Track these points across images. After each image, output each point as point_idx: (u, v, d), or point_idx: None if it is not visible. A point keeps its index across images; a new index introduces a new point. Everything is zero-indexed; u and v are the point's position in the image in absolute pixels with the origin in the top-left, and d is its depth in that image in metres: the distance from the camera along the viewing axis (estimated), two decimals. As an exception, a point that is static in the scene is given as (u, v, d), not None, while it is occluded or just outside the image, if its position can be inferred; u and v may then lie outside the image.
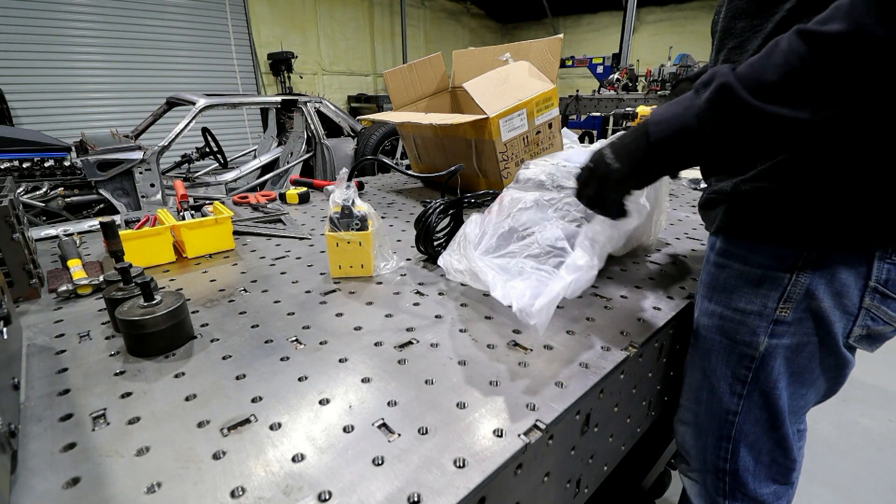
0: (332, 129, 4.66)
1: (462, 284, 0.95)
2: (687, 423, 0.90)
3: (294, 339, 0.77)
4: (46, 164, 3.48)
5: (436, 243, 1.07)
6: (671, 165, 0.65)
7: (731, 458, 0.84)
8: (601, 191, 0.73)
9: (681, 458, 0.96)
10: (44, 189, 3.14)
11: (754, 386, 0.78)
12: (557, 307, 0.86)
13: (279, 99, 4.38)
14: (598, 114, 7.18)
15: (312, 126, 4.41)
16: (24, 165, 3.38)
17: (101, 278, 0.94)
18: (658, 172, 0.67)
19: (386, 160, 1.20)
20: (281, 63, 8.46)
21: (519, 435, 0.55)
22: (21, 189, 3.14)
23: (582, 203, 0.78)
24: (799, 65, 0.49)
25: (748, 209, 0.72)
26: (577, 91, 8.12)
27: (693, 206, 1.63)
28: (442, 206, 1.06)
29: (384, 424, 0.57)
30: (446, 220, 1.10)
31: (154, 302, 0.72)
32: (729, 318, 0.78)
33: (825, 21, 0.48)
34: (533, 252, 0.86)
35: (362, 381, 0.66)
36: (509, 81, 1.44)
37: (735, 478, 0.85)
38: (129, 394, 0.63)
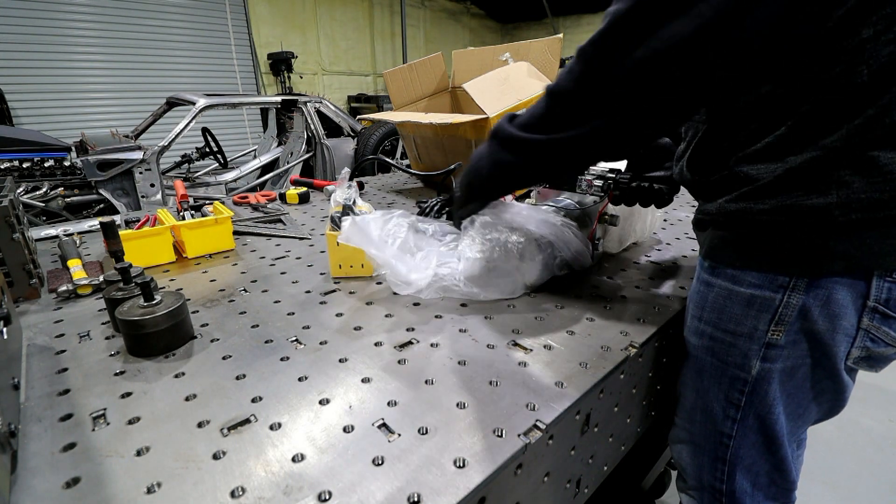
0: (332, 129, 4.66)
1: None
2: (683, 442, 0.88)
3: (294, 339, 0.77)
4: (46, 164, 3.49)
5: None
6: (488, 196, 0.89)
7: (727, 480, 0.81)
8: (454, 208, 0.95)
9: (678, 473, 0.95)
10: (44, 189, 3.14)
11: (749, 410, 0.75)
12: (558, 307, 0.87)
13: (279, 99, 4.38)
14: (598, 114, 7.16)
15: (312, 126, 4.41)
16: (24, 165, 3.39)
17: (101, 278, 0.94)
18: (483, 203, 0.90)
19: (387, 159, 1.20)
20: (281, 63, 8.45)
21: (519, 435, 0.55)
22: (21, 189, 3.14)
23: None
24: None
25: (734, 232, 0.69)
26: (577, 91, 8.10)
27: (693, 205, 1.63)
28: (439, 205, 1.06)
29: (384, 424, 0.57)
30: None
31: (154, 302, 0.72)
32: (719, 339, 0.74)
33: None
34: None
35: (362, 381, 0.66)
36: (509, 82, 1.44)
37: (732, 499, 0.82)
38: (129, 394, 0.63)
